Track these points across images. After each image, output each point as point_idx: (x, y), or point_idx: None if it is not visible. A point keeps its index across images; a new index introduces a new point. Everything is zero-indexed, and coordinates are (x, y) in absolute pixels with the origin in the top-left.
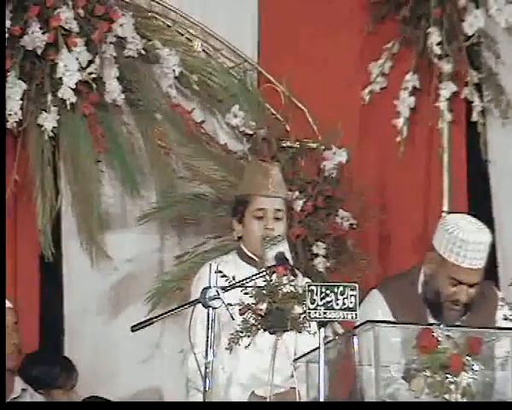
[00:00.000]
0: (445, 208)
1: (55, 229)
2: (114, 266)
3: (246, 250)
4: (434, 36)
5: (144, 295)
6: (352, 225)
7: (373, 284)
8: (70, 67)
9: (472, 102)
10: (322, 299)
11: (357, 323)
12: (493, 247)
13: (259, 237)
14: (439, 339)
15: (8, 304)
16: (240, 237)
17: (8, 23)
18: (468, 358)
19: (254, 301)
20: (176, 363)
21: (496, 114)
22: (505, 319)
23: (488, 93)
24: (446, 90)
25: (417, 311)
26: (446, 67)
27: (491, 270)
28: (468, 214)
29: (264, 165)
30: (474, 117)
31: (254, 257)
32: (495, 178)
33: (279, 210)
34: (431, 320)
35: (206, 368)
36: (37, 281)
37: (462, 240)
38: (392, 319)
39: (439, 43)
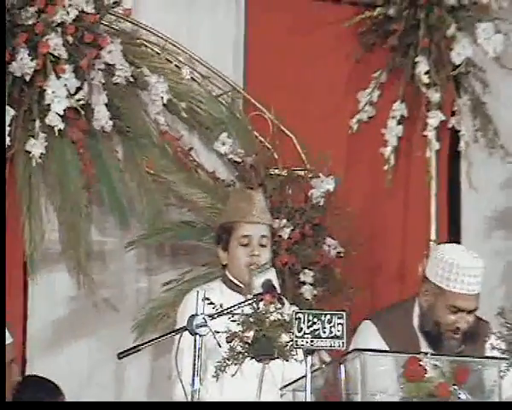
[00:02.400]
0: (433, 237)
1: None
2: (101, 293)
3: (231, 277)
4: (422, 65)
5: (130, 322)
6: (339, 253)
7: (360, 312)
8: (58, 93)
9: (459, 132)
10: (309, 327)
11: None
12: None
13: (245, 264)
14: (426, 368)
15: (9, 339)
16: (225, 265)
17: None
18: (454, 387)
19: (241, 329)
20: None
21: (482, 144)
22: (493, 349)
23: (475, 122)
24: (434, 119)
25: (411, 342)
26: (434, 95)
27: None
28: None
29: (247, 192)
30: (462, 146)
31: (240, 284)
32: (467, 207)
33: (264, 236)
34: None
35: (192, 396)
36: (22, 306)
37: (458, 267)
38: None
39: (426, 72)
